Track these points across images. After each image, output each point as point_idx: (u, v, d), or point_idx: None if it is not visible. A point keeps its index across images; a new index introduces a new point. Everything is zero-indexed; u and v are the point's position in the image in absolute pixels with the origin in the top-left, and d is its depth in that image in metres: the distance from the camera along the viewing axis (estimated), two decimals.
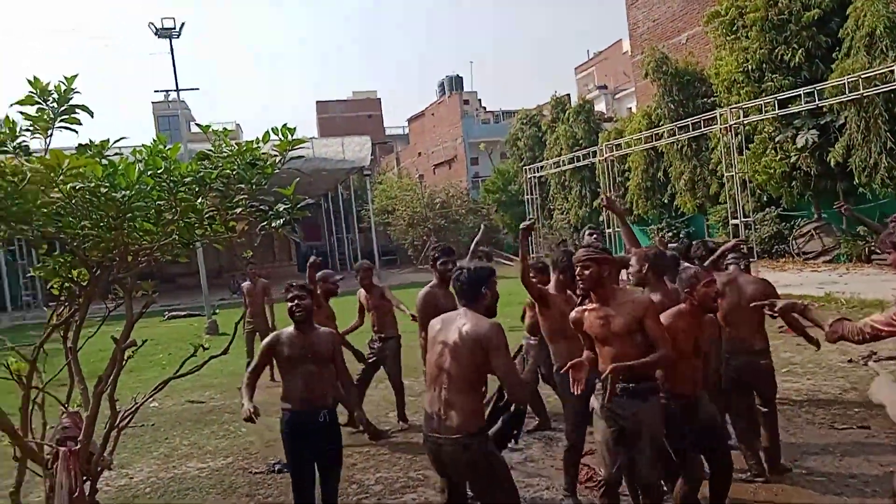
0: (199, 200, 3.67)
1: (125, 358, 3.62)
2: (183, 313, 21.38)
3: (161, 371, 11.26)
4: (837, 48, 17.32)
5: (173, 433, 7.82)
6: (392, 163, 58.78)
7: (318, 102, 66.62)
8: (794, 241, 19.13)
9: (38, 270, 3.78)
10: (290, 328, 4.37)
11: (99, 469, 3.40)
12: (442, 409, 3.41)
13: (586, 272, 3.84)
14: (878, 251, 3.93)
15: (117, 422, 3.52)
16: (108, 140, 3.63)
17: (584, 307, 4.00)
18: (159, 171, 3.50)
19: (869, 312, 5.33)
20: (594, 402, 3.96)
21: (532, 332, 6.08)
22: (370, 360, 7.37)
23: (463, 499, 3.70)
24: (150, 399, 9.04)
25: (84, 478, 3.30)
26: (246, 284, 10.50)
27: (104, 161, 3.41)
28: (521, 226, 4.48)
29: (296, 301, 4.33)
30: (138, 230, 3.61)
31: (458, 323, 3.47)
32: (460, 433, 3.35)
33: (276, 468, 6.19)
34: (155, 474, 6.41)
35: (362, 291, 7.62)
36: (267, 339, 4.37)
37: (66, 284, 3.73)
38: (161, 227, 3.66)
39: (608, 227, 23.57)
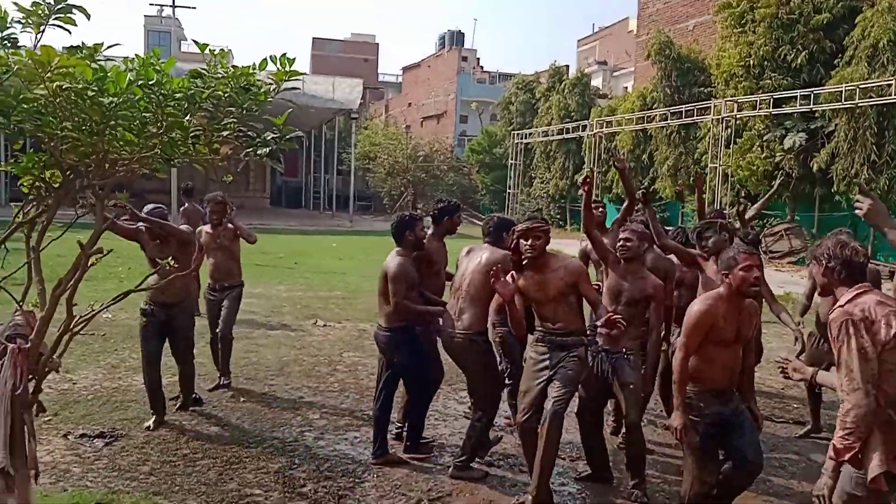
0: (187, 118, 3.60)
1: (89, 265, 3.57)
2: None
3: (119, 283, 11.11)
4: (840, 55, 17.35)
5: (123, 345, 7.73)
6: (381, 109, 58.12)
7: (314, 39, 65.24)
8: (763, 239, 19.43)
9: (9, 166, 3.68)
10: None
11: (46, 370, 3.37)
12: (457, 314, 4.66)
13: (538, 242, 4.25)
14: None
15: (71, 326, 3.49)
16: (101, 44, 3.52)
17: (523, 274, 4.33)
18: (150, 83, 3.41)
19: None
20: (528, 352, 4.50)
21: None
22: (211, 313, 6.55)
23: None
24: (105, 310, 9.01)
25: (30, 376, 3.28)
26: (186, 208, 10.04)
27: (94, 65, 3.32)
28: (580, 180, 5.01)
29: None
30: (119, 139, 3.53)
31: (482, 253, 4.76)
32: (469, 331, 4.61)
33: (221, 388, 6.24)
34: (99, 383, 6.37)
35: (205, 229, 6.61)
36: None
37: (37, 184, 3.65)
38: (143, 140, 3.58)
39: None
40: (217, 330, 6.46)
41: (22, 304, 3.84)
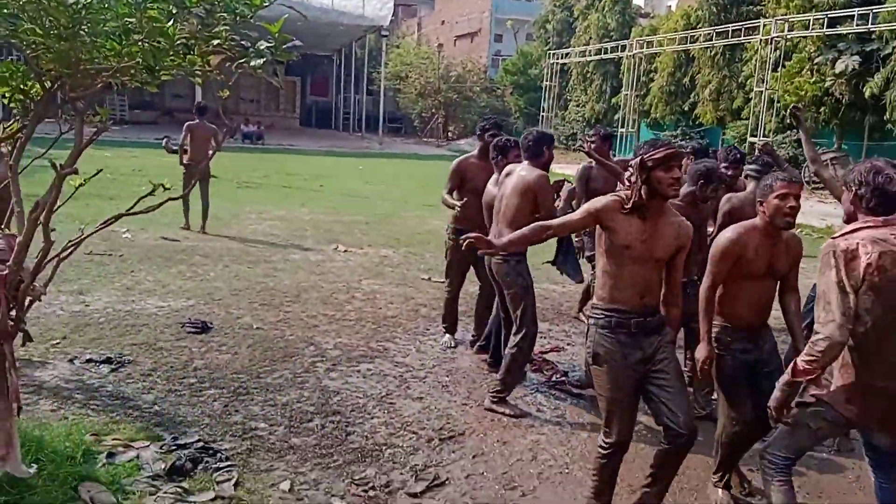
0: (172, 24, 3.23)
1: (77, 186, 3.31)
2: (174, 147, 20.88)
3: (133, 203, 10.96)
4: None
5: (140, 267, 7.57)
6: (413, 27, 56.39)
7: None
8: (807, 168, 18.60)
9: None
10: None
11: (29, 298, 3.13)
12: (496, 236, 4.37)
13: (681, 176, 3.35)
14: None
15: (60, 252, 3.24)
16: None
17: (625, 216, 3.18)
18: None
19: None
20: (599, 344, 3.25)
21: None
22: None
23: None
24: (125, 231, 8.67)
25: (11, 304, 3.06)
26: (192, 123, 9.69)
27: None
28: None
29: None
30: (98, 48, 3.19)
31: (519, 171, 4.58)
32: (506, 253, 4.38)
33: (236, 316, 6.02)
34: (112, 305, 6.19)
35: None
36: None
37: (17, 96, 3.34)
38: (126, 48, 3.24)
39: (621, 127, 22.95)
40: None
41: (3, 227, 3.61)
